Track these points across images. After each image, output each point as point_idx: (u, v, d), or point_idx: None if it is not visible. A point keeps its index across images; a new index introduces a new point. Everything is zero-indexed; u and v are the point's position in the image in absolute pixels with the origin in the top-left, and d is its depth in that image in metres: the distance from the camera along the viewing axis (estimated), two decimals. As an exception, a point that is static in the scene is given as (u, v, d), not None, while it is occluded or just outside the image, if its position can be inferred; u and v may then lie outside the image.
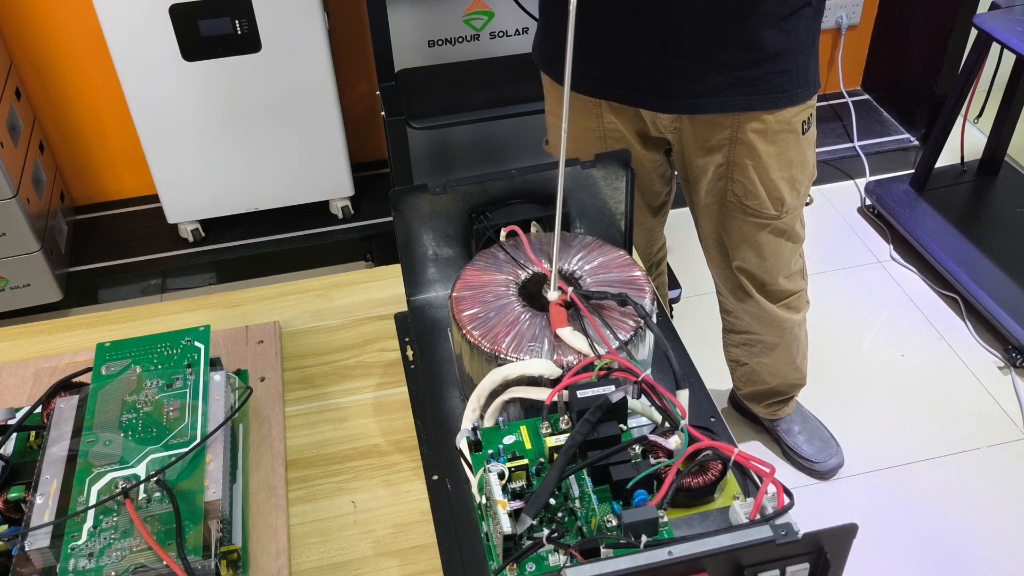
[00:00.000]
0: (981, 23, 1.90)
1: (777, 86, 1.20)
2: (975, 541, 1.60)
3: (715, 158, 1.28)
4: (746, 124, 1.23)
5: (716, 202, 1.34)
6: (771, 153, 1.26)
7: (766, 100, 1.20)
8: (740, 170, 1.28)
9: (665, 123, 1.27)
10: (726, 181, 1.30)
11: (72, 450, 0.70)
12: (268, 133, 2.03)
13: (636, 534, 0.54)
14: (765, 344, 1.57)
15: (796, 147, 1.27)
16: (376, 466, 0.80)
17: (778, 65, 1.18)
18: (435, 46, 1.96)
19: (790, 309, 1.50)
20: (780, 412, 1.76)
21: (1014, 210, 2.21)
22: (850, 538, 0.53)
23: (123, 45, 1.85)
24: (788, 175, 1.29)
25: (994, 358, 1.94)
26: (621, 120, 1.30)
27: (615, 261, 0.79)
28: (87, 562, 0.62)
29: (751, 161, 1.26)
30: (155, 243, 2.21)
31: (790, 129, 1.25)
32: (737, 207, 1.32)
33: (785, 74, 1.19)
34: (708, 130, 1.25)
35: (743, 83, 1.18)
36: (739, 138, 1.24)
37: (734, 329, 1.59)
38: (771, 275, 1.43)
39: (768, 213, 1.32)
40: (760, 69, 1.18)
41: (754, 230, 1.35)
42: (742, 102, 1.20)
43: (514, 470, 0.61)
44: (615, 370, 0.66)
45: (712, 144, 1.26)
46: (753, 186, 1.29)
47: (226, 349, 0.89)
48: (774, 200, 1.31)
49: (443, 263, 0.86)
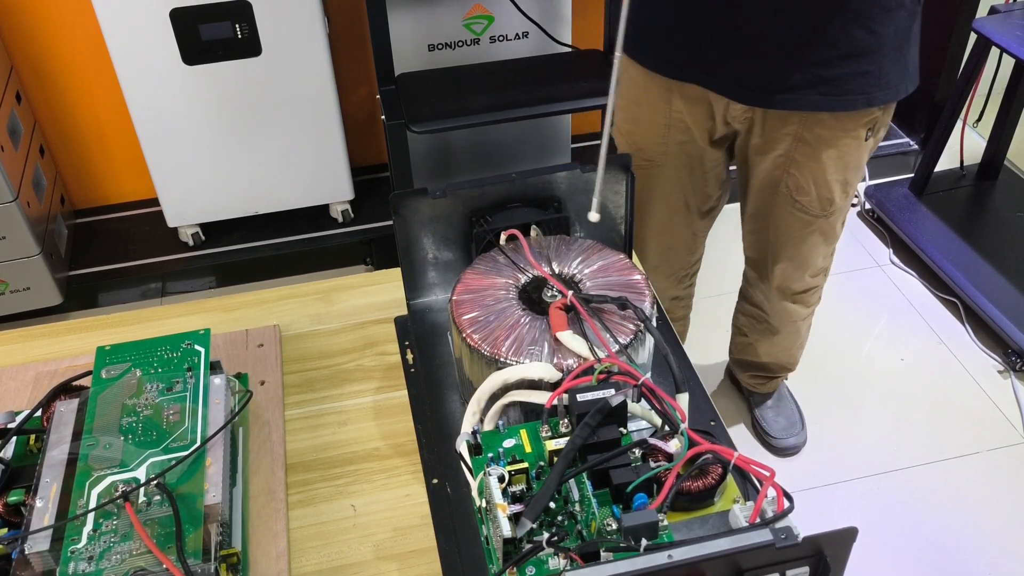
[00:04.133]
0: (980, 27, 1.90)
1: (856, 87, 1.18)
2: (975, 545, 1.60)
3: (776, 149, 1.28)
4: (814, 125, 1.23)
5: (768, 189, 1.35)
6: (831, 156, 1.26)
7: (844, 101, 1.19)
8: (797, 166, 1.28)
9: (737, 113, 1.26)
10: (782, 172, 1.30)
11: (72, 453, 0.70)
12: (268, 137, 2.03)
13: (636, 538, 0.55)
14: (770, 326, 1.59)
15: (856, 152, 1.27)
16: (376, 470, 0.80)
17: (860, 66, 1.16)
18: (435, 50, 1.96)
19: (802, 303, 1.53)
20: (761, 387, 1.80)
21: (1014, 214, 2.21)
22: (850, 542, 0.53)
23: (124, 49, 1.85)
24: (842, 178, 1.30)
25: (994, 362, 1.94)
26: (689, 111, 1.28)
27: (615, 265, 0.79)
28: (87, 565, 0.62)
29: (810, 161, 1.26)
30: (155, 247, 2.21)
31: (854, 135, 1.24)
32: (787, 200, 1.33)
33: (866, 75, 1.17)
34: (776, 122, 1.25)
35: (823, 81, 1.17)
36: (803, 136, 1.24)
37: (749, 300, 1.61)
38: (800, 270, 1.45)
39: (815, 211, 1.33)
40: (842, 68, 1.16)
41: (798, 226, 1.36)
42: (818, 101, 1.18)
43: (514, 474, 0.61)
44: (615, 374, 0.66)
45: (777, 136, 1.26)
46: (807, 183, 1.29)
47: (226, 352, 0.89)
48: (823, 200, 1.31)
49: (443, 267, 0.86)
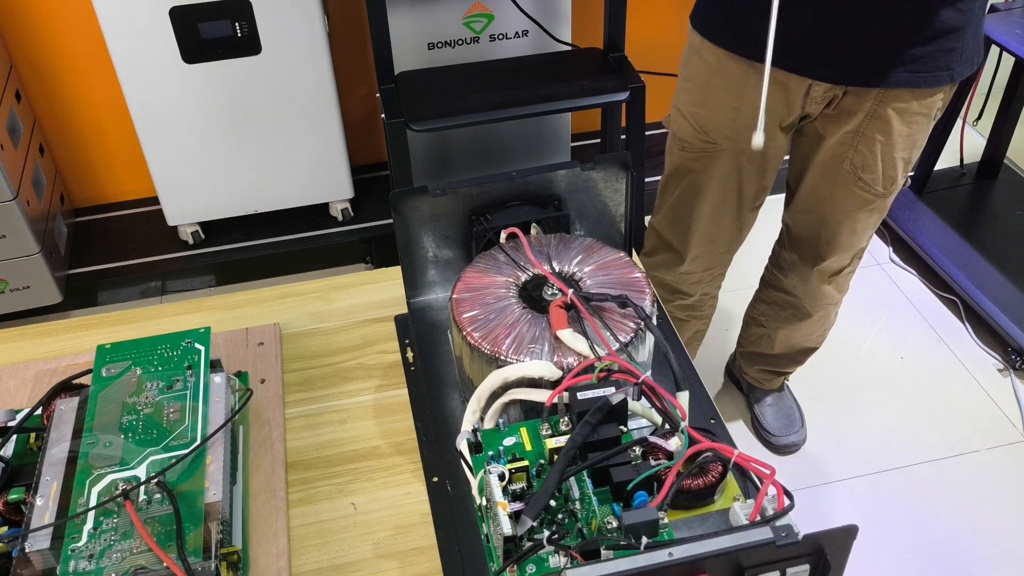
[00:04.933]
0: (980, 26, 1.90)
1: (943, 64, 1.18)
2: (974, 543, 1.60)
3: (847, 124, 1.26)
4: (890, 101, 1.22)
5: (832, 164, 1.32)
6: (903, 133, 1.25)
7: (931, 78, 1.19)
8: (867, 142, 1.27)
9: (818, 93, 1.23)
10: (848, 148, 1.29)
11: (72, 452, 0.70)
12: (268, 135, 2.03)
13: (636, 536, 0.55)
14: (798, 312, 1.57)
15: (924, 130, 1.27)
16: (376, 468, 0.80)
17: (948, 43, 1.16)
18: (435, 48, 1.96)
19: (838, 286, 1.51)
20: (767, 383, 1.78)
21: (1013, 212, 2.21)
22: (850, 540, 0.53)
23: (123, 47, 1.85)
24: (908, 156, 1.29)
25: (993, 360, 1.94)
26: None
27: (615, 263, 0.79)
28: (87, 564, 0.62)
29: (881, 137, 1.25)
30: (155, 245, 2.21)
31: (926, 113, 1.24)
32: (851, 177, 1.31)
33: (951, 52, 1.17)
34: (854, 99, 1.23)
35: (912, 60, 1.16)
36: (878, 112, 1.23)
37: (777, 287, 1.58)
38: (849, 251, 1.43)
39: (877, 190, 1.32)
40: (930, 46, 1.16)
41: (858, 204, 1.34)
42: (906, 78, 1.18)
43: (514, 472, 0.61)
44: (615, 372, 0.66)
45: (851, 110, 1.24)
46: (874, 160, 1.28)
47: (226, 351, 0.89)
48: (887, 178, 1.30)
49: (443, 265, 0.86)
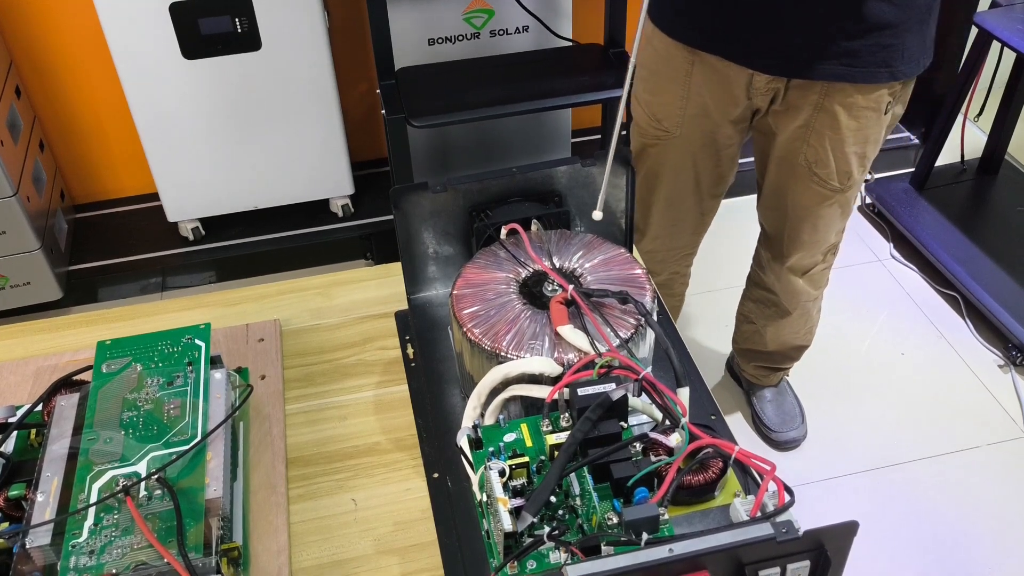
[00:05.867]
0: (981, 21, 1.90)
1: (880, 60, 1.18)
2: (975, 539, 1.60)
3: (796, 119, 1.27)
4: (835, 95, 1.22)
5: (787, 159, 1.34)
6: (851, 127, 1.25)
7: (866, 73, 1.19)
8: (817, 137, 1.28)
9: (760, 84, 1.25)
10: (801, 143, 1.30)
11: (73, 448, 0.70)
12: (268, 131, 2.02)
13: (637, 532, 0.55)
14: (779, 309, 1.59)
15: (875, 125, 1.27)
16: (376, 464, 0.80)
17: (884, 39, 1.16)
18: (435, 44, 1.96)
19: (812, 283, 1.53)
20: (765, 379, 1.78)
21: (1014, 209, 2.21)
22: (851, 536, 0.53)
23: (123, 43, 1.85)
24: (861, 151, 1.30)
25: (994, 356, 1.94)
26: (708, 85, 1.28)
27: (616, 259, 0.79)
28: (88, 560, 0.62)
29: (830, 131, 1.26)
30: (155, 241, 2.21)
31: (875, 107, 1.24)
32: (805, 172, 1.33)
33: (890, 49, 1.17)
34: (798, 92, 1.25)
35: (848, 53, 1.17)
36: (825, 106, 1.24)
37: (759, 284, 1.60)
38: (815, 247, 1.45)
39: (833, 185, 1.33)
40: (865, 40, 1.16)
41: (816, 199, 1.36)
42: (842, 72, 1.19)
43: (515, 468, 0.61)
44: (616, 368, 0.66)
45: (798, 105, 1.26)
46: (826, 155, 1.29)
47: (226, 347, 0.89)
48: (841, 173, 1.31)
49: (443, 261, 0.86)
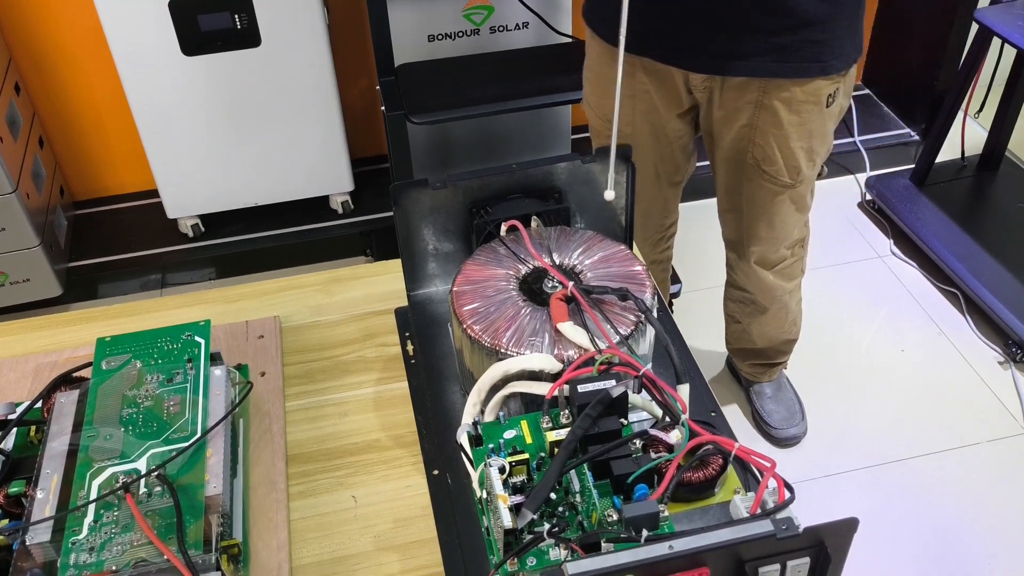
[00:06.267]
0: (982, 18, 1.90)
1: (810, 55, 1.19)
2: (975, 535, 1.61)
3: (739, 119, 1.29)
4: (773, 91, 1.24)
5: (736, 160, 1.36)
6: (793, 122, 1.27)
7: (798, 68, 1.21)
8: (761, 135, 1.29)
9: (696, 83, 1.28)
10: (747, 143, 1.32)
11: (73, 445, 0.70)
12: (268, 128, 2.02)
13: (637, 528, 0.55)
14: (757, 306, 1.60)
15: (818, 119, 1.28)
16: (376, 461, 0.80)
17: (814, 34, 1.18)
18: (435, 41, 1.96)
19: (783, 276, 1.54)
20: (761, 375, 1.79)
21: (1014, 205, 2.20)
22: (851, 532, 0.53)
23: (122, 40, 1.84)
24: (807, 145, 1.31)
25: (994, 353, 1.94)
26: (652, 82, 1.31)
27: (616, 256, 0.79)
28: (88, 556, 0.62)
29: (773, 128, 1.28)
30: (155, 238, 2.21)
31: (815, 101, 1.26)
32: (755, 170, 1.35)
33: (820, 44, 1.19)
34: (736, 92, 1.26)
35: (776, 49, 1.18)
36: (764, 103, 1.26)
37: (734, 284, 1.62)
38: (775, 243, 1.46)
39: (783, 180, 1.34)
40: (795, 36, 1.17)
41: (768, 196, 1.38)
42: (773, 68, 1.20)
43: (515, 465, 0.61)
44: (616, 365, 0.66)
45: (738, 105, 1.28)
46: (772, 152, 1.31)
47: (226, 344, 0.89)
48: (790, 168, 1.33)
49: (443, 258, 0.86)
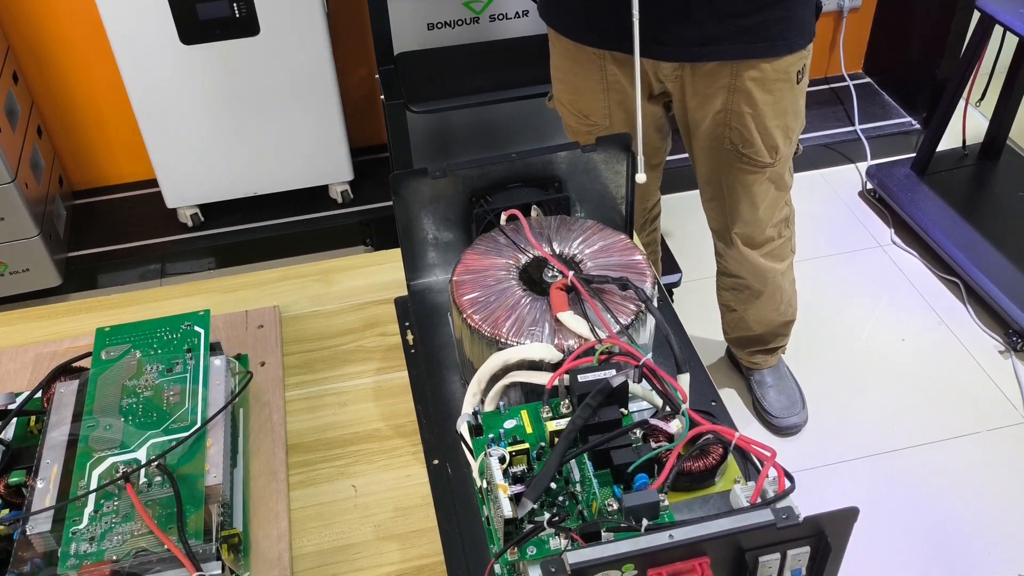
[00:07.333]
0: (984, 6, 1.89)
1: (776, 34, 1.22)
2: (975, 524, 1.61)
3: (713, 105, 1.30)
4: (744, 72, 1.26)
5: (713, 148, 1.37)
6: (767, 101, 1.28)
7: (766, 48, 1.23)
8: (737, 118, 1.31)
9: (667, 72, 1.29)
10: (724, 128, 1.33)
11: (72, 435, 0.70)
12: (267, 117, 2.02)
13: (637, 518, 0.55)
14: (751, 291, 1.61)
15: (790, 96, 1.30)
16: (377, 450, 0.80)
17: (777, 13, 1.20)
18: (434, 29, 1.95)
19: (773, 258, 1.54)
20: (761, 362, 1.79)
21: (1015, 194, 2.20)
22: (851, 522, 0.53)
23: (121, 29, 1.84)
24: (783, 123, 1.33)
25: (995, 342, 1.94)
26: (623, 71, 1.32)
27: (616, 245, 0.79)
28: (88, 546, 0.62)
29: (749, 109, 1.29)
30: (154, 228, 2.20)
31: (786, 78, 1.28)
32: (733, 154, 1.36)
33: (784, 22, 1.22)
34: (708, 78, 1.28)
35: (743, 31, 1.21)
36: (737, 86, 1.27)
37: (725, 272, 1.63)
38: (760, 225, 1.47)
39: (763, 161, 1.36)
40: (760, 16, 1.20)
41: (749, 179, 1.39)
42: (743, 50, 1.23)
43: (515, 454, 0.61)
44: (616, 354, 0.66)
45: (711, 91, 1.29)
46: (749, 134, 1.32)
47: (226, 334, 0.89)
48: (769, 148, 1.34)
49: (443, 247, 0.86)
